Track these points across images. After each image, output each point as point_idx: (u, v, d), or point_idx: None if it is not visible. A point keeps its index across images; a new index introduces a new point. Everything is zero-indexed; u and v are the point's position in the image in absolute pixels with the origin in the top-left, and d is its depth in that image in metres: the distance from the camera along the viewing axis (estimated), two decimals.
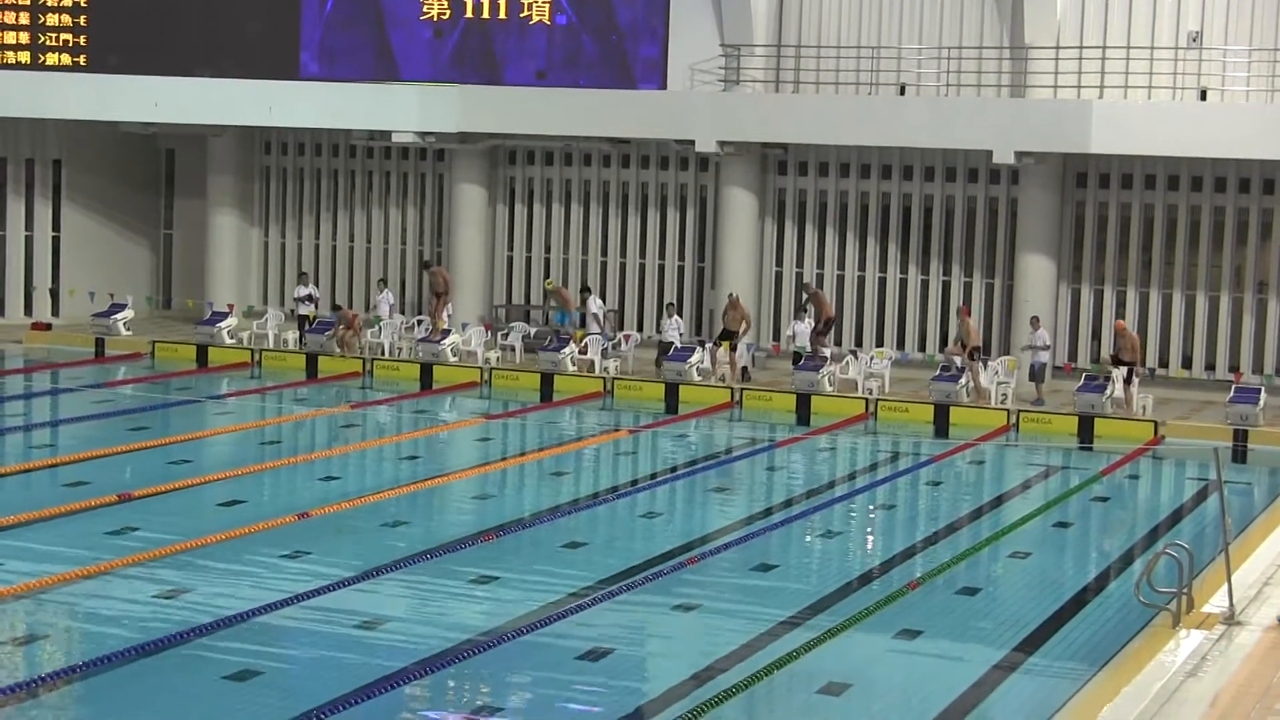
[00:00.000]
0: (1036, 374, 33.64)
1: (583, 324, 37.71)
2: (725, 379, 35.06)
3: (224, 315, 39.39)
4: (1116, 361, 33.18)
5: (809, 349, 34.88)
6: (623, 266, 40.00)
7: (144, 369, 36.74)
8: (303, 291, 39.34)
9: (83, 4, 40.55)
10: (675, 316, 36.53)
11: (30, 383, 34.84)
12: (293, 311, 39.84)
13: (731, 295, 36.26)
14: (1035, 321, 34.10)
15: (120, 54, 40.30)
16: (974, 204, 37.26)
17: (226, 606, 17.88)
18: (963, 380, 33.42)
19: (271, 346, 38.30)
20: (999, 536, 23.24)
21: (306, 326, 38.56)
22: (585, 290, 38.52)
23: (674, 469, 28.54)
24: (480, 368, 36.27)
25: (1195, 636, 16.76)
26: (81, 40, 40.59)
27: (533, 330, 37.92)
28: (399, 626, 17.89)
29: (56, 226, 42.70)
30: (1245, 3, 35.13)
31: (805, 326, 35.54)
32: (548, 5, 39.22)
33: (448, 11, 39.70)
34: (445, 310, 38.03)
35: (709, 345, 36.06)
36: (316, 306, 39.29)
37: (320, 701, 14.83)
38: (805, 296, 36.46)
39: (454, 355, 36.94)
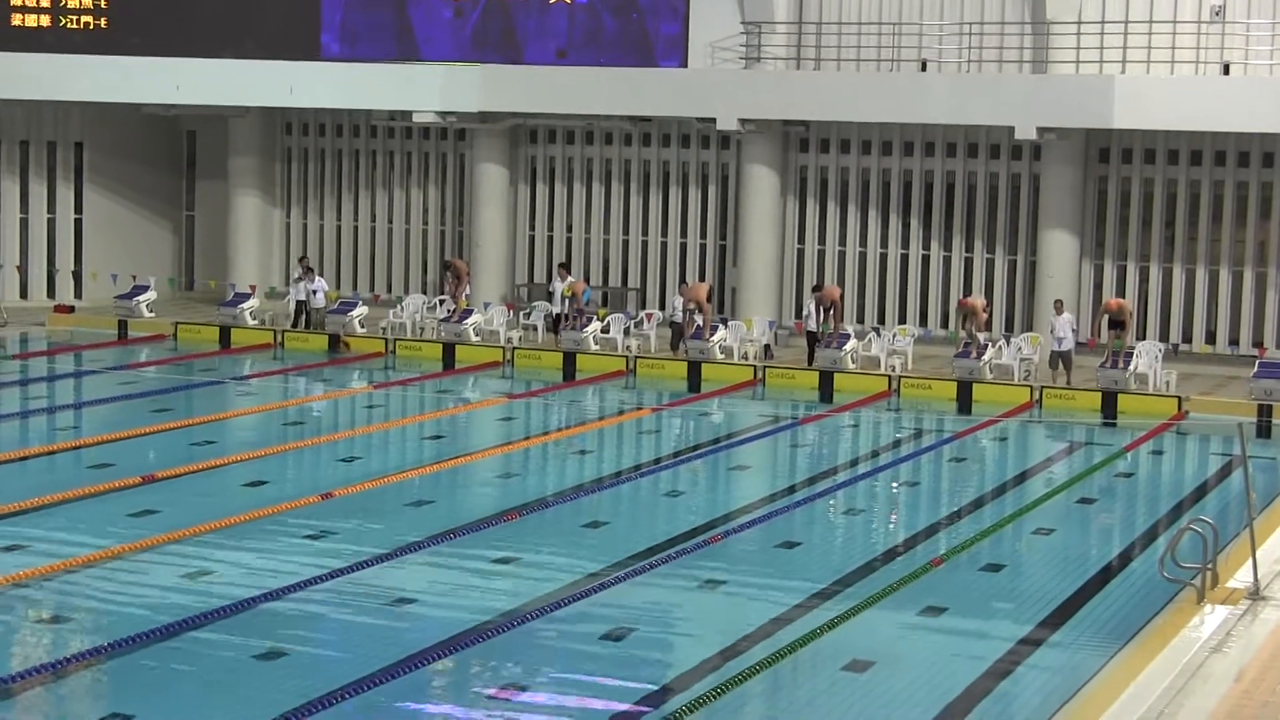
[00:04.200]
0: (1062, 358, 33.13)
1: (549, 300, 37.91)
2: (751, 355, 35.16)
3: (246, 296, 39.43)
4: (1111, 324, 33.07)
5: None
6: (644, 245, 39.98)
7: (167, 351, 36.81)
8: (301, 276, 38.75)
9: None
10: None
11: (54, 365, 34.92)
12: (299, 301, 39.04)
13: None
14: (1059, 305, 33.76)
15: (141, 36, 40.31)
16: (996, 180, 37.17)
17: (251, 587, 17.94)
18: (987, 357, 33.35)
19: (293, 327, 38.32)
20: (1022, 513, 23.21)
21: (304, 312, 38.21)
22: (562, 266, 38.58)
23: (696, 447, 28.54)
24: (502, 347, 36.28)
25: (1220, 612, 16.75)
26: (103, 22, 40.61)
27: (554, 310, 37.84)
28: (423, 606, 17.92)
29: (79, 209, 42.77)
30: None
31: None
32: None
33: None
34: (464, 291, 38.02)
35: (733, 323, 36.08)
36: (311, 295, 38.58)
37: (345, 680, 14.87)
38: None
39: (476, 335, 36.96)
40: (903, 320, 37.52)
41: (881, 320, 37.69)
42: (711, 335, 35.11)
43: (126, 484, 22.72)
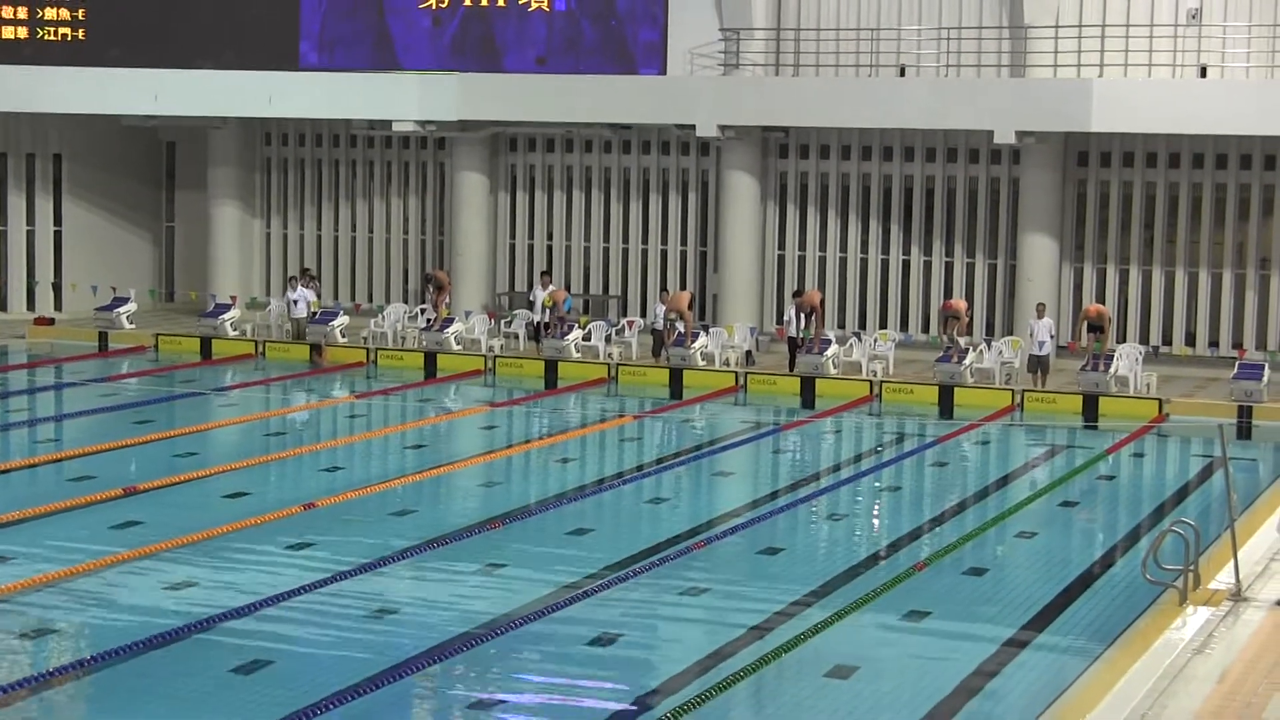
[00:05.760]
0: (1040, 363, 33.09)
1: (530, 308, 37.77)
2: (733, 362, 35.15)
3: (227, 307, 39.37)
4: (1090, 328, 33.10)
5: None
6: (625, 252, 39.99)
7: (148, 362, 36.73)
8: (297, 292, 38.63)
9: None
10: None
11: (34, 378, 34.85)
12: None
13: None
14: (1040, 309, 33.68)
15: (120, 46, 40.27)
16: (975, 184, 37.23)
17: (234, 598, 17.90)
18: (968, 361, 33.40)
19: (274, 338, 38.26)
20: (1005, 516, 23.24)
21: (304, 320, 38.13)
22: (545, 274, 38.52)
23: (679, 454, 28.54)
24: (484, 356, 36.25)
25: (1202, 613, 16.78)
26: (80, 34, 40.56)
27: (535, 318, 37.77)
28: (407, 615, 17.90)
29: (58, 221, 42.67)
30: None
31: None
32: None
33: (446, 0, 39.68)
34: (445, 301, 38.00)
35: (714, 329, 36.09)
36: (309, 308, 38.51)
37: (329, 691, 14.85)
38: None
39: (457, 344, 36.93)
40: (884, 325, 37.57)
41: (862, 325, 37.73)
42: (693, 342, 35.12)
43: (108, 496, 22.66)
